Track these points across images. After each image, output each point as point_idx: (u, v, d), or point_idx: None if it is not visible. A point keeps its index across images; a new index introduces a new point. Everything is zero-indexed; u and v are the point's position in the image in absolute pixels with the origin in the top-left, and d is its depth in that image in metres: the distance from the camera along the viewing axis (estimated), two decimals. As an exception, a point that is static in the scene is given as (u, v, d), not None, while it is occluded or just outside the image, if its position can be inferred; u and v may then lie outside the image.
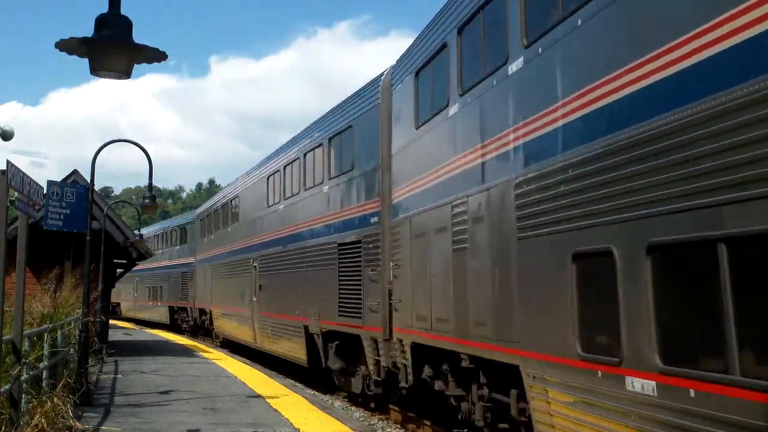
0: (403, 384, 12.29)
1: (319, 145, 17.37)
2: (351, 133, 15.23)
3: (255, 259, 22.70)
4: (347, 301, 14.65)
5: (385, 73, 13.77)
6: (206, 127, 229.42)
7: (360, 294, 13.97)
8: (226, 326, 27.55)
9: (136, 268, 40.03)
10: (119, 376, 17.40)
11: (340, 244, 15.28)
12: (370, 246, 13.66)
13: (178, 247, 38.63)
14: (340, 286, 15.05)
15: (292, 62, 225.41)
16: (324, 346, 16.41)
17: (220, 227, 29.02)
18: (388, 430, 13.21)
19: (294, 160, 19.45)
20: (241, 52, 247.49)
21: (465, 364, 9.68)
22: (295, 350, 18.62)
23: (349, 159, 15.28)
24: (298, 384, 17.46)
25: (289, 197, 19.71)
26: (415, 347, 11.58)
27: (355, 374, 15.12)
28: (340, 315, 14.99)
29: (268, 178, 22.15)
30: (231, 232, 26.99)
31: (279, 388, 15.54)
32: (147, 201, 16.44)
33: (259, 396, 14.24)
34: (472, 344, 9.30)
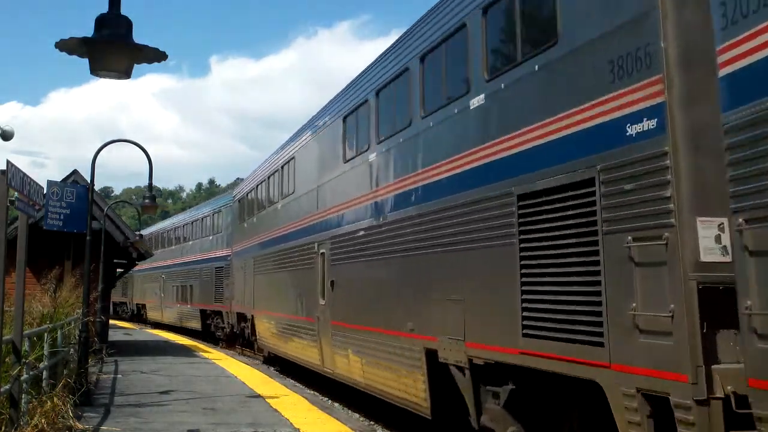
0: None
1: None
2: None
3: (322, 244, 14.88)
4: (552, 306, 7.12)
5: None
6: (206, 127, 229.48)
7: (599, 292, 6.44)
8: (275, 339, 19.92)
9: (162, 263, 35.39)
10: (119, 376, 17.40)
11: (522, 196, 7.68)
12: (628, 186, 6.20)
13: (211, 237, 31.73)
14: (525, 280, 7.57)
15: (292, 62, 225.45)
16: (475, 393, 8.86)
17: (266, 206, 21.33)
18: (388, 430, 13.19)
19: (402, 72, 11.25)
20: (241, 52, 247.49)
21: None
22: (403, 387, 10.94)
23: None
24: (298, 384, 17.44)
25: (389, 137, 11.59)
26: None
27: None
28: (526, 335, 7.50)
29: (345, 118, 13.88)
30: (283, 209, 19.07)
31: (279, 388, 15.53)
32: (147, 201, 16.44)
33: (259, 396, 14.24)
34: None
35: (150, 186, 16.43)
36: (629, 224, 6.11)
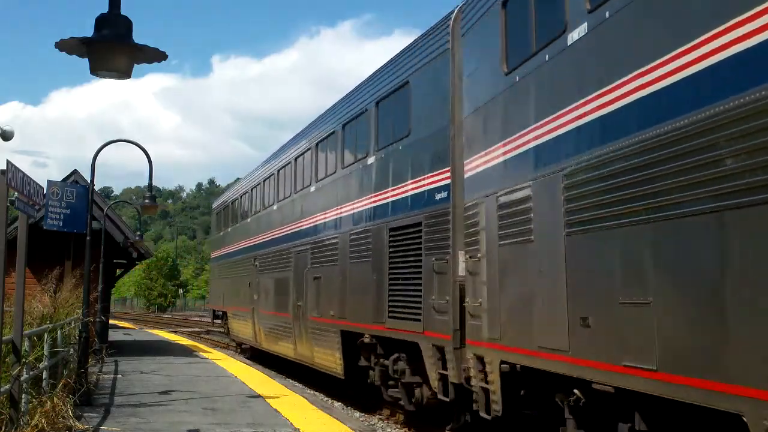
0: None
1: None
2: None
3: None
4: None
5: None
6: (207, 126, 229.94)
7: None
8: None
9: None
10: (119, 376, 17.40)
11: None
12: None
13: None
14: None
15: (294, 61, 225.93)
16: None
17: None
18: (389, 430, 13.19)
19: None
20: (243, 51, 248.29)
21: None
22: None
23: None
24: (297, 384, 17.45)
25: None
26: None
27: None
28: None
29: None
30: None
31: (279, 388, 15.54)
32: (147, 201, 16.44)
33: (259, 396, 14.24)
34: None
35: (150, 186, 16.43)
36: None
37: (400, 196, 11.71)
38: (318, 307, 15.40)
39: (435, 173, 10.50)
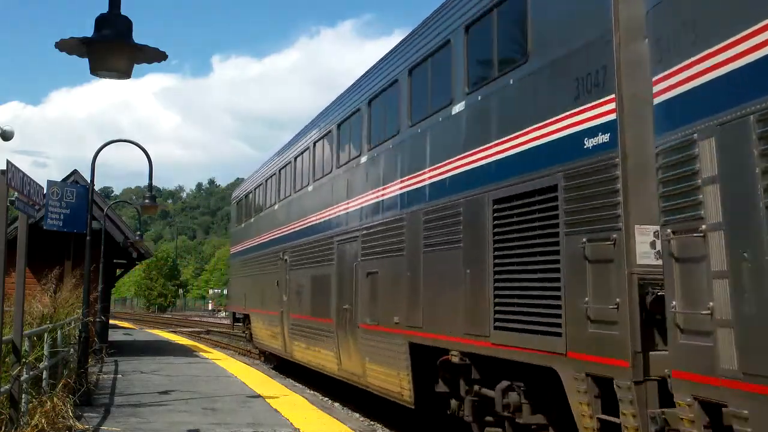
0: None
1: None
2: None
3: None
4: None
5: None
6: (207, 126, 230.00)
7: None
8: None
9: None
10: (119, 376, 17.40)
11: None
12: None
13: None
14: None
15: (294, 61, 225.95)
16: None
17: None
18: (388, 430, 13.19)
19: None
20: (243, 51, 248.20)
21: None
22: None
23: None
24: (297, 384, 17.45)
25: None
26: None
27: None
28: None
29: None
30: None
31: (279, 388, 15.54)
32: (147, 201, 16.44)
33: (259, 396, 14.24)
34: None
35: (150, 186, 16.43)
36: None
37: (512, 152, 8.19)
38: (374, 312, 11.95)
39: (581, 109, 7.05)
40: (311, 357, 15.91)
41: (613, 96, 6.64)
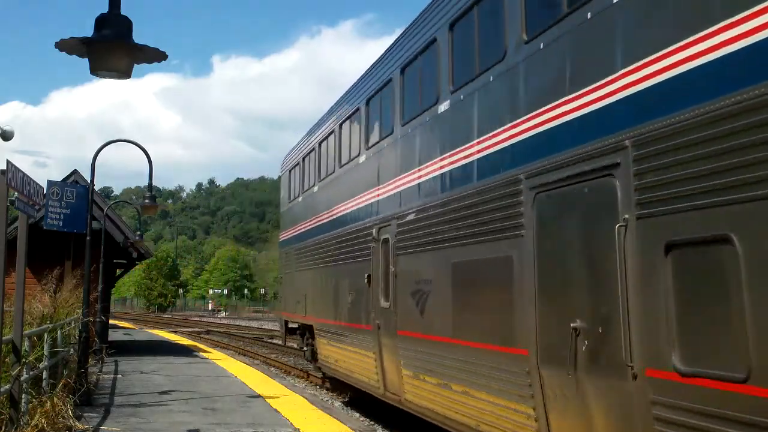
0: None
1: None
2: None
3: None
4: None
5: None
6: (207, 126, 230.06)
7: None
8: None
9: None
10: (119, 376, 17.40)
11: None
12: None
13: None
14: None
15: (295, 61, 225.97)
16: None
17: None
18: (388, 430, 13.19)
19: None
20: (243, 51, 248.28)
21: None
22: None
23: None
24: (297, 384, 17.44)
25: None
26: None
27: None
28: None
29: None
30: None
31: (279, 388, 15.53)
32: (147, 201, 16.43)
33: (259, 396, 14.23)
34: None
35: (150, 186, 16.42)
36: None
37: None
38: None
39: None
40: (449, 410, 9.23)
41: None
